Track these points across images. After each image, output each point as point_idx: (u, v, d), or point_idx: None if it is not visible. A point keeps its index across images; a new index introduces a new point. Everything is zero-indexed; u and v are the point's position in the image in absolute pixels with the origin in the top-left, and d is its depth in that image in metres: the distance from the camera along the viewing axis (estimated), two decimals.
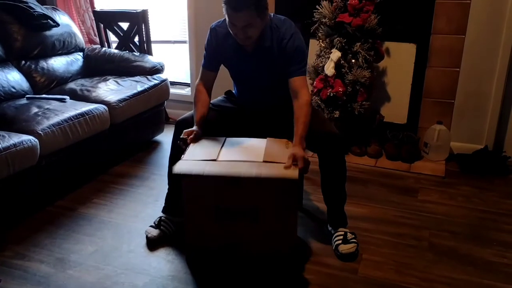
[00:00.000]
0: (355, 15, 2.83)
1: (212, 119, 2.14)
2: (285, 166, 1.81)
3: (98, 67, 3.44)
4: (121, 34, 3.64)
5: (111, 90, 3.03)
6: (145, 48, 3.57)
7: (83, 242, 2.19)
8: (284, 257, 2.02)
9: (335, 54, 2.87)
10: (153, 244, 2.17)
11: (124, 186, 2.75)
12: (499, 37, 2.85)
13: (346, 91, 2.89)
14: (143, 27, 3.53)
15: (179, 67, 4.25)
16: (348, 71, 2.88)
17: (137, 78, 3.25)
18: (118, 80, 3.19)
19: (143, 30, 3.54)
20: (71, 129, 2.56)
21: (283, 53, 2.00)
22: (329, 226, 2.20)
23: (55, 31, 3.29)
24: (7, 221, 2.32)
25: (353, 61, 2.87)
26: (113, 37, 3.73)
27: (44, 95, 2.95)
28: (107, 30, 3.69)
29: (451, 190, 2.70)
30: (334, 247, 2.10)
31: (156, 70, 3.36)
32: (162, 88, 3.28)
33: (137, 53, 3.52)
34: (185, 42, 3.92)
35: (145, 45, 3.57)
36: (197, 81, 2.18)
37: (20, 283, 1.91)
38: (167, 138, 2.31)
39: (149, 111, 3.22)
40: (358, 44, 2.86)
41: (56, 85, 3.19)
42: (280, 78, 2.02)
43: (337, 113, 2.94)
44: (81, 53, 3.53)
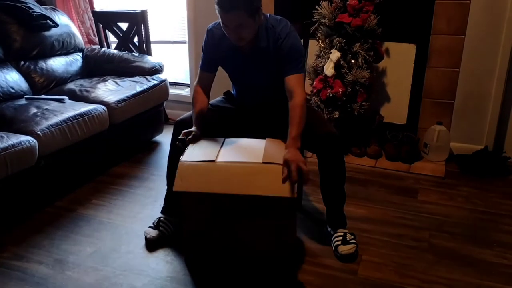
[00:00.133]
0: (355, 15, 2.82)
1: (211, 119, 2.14)
2: (282, 179, 1.78)
3: (97, 67, 3.43)
4: (120, 35, 3.63)
5: (110, 91, 3.02)
6: (144, 48, 3.56)
7: (82, 243, 2.19)
8: (283, 258, 2.01)
9: (335, 55, 2.86)
10: (152, 245, 2.16)
11: (123, 186, 2.74)
12: (499, 38, 2.85)
13: (346, 91, 2.88)
14: (143, 28, 3.53)
15: (178, 68, 4.25)
16: (347, 71, 2.87)
17: (136, 78, 3.24)
18: (117, 81, 3.19)
19: (143, 31, 3.53)
20: (70, 130, 2.56)
21: (279, 52, 1.99)
22: (329, 227, 2.19)
23: (54, 31, 3.29)
24: (6, 222, 2.31)
25: (352, 61, 2.87)
26: (112, 38, 3.73)
27: (43, 96, 2.95)
28: (106, 31, 3.69)
29: (451, 191, 2.69)
30: (333, 248, 2.10)
31: (155, 70, 3.36)
32: (162, 88, 3.28)
33: (137, 54, 3.52)
34: (184, 42, 3.91)
35: (145, 45, 3.56)
36: (195, 82, 2.18)
37: (19, 284, 1.91)
38: (167, 138, 2.30)
39: (148, 112, 3.22)
40: (357, 44, 2.85)
41: (55, 85, 3.19)
42: (278, 78, 2.02)
43: (337, 113, 2.93)
44: (80, 54, 3.53)
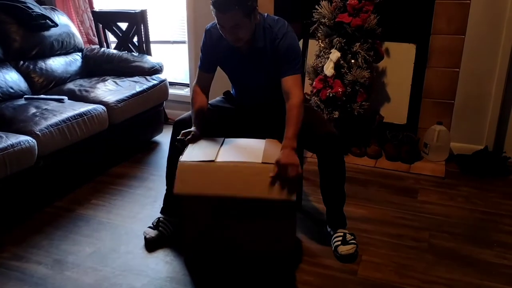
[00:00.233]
0: (355, 15, 2.81)
1: (211, 119, 2.13)
2: (271, 178, 1.78)
3: (96, 67, 3.43)
4: (120, 35, 3.63)
5: (110, 91, 3.02)
6: (144, 48, 3.56)
7: (81, 243, 2.18)
8: (283, 258, 2.01)
9: (335, 54, 2.86)
10: (151, 245, 2.16)
11: (123, 187, 2.74)
12: (499, 38, 2.84)
13: (346, 91, 2.87)
14: (142, 27, 3.52)
15: (178, 68, 4.24)
16: (347, 71, 2.86)
17: (136, 78, 3.24)
18: (117, 81, 3.18)
19: (142, 30, 3.53)
20: (69, 130, 2.55)
21: (276, 53, 1.99)
22: (328, 227, 2.19)
23: (53, 31, 3.29)
24: (5, 222, 2.31)
25: (352, 61, 2.86)
26: (112, 38, 3.73)
27: (42, 96, 2.94)
28: (106, 30, 3.68)
29: (451, 191, 2.69)
30: (333, 248, 2.09)
31: (155, 70, 3.35)
32: (161, 88, 3.27)
33: (136, 54, 3.51)
34: (184, 42, 3.91)
35: (144, 45, 3.56)
36: (194, 82, 2.17)
37: (18, 285, 1.91)
38: (166, 138, 2.30)
39: (148, 112, 3.21)
40: (357, 44, 2.84)
41: (55, 85, 3.18)
42: (276, 78, 2.01)
43: (337, 113, 2.93)
44: (79, 54, 3.53)
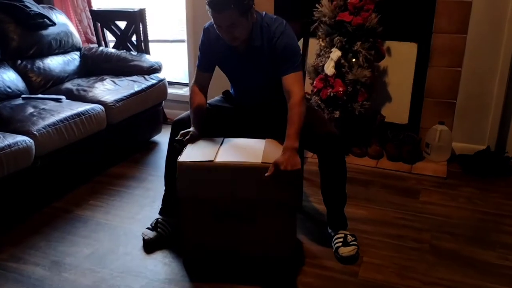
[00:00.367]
0: (356, 14, 2.80)
1: (210, 119, 2.12)
2: (266, 176, 1.76)
3: (95, 66, 3.41)
4: (118, 33, 3.61)
5: (108, 90, 3.00)
6: (143, 47, 3.54)
7: (79, 245, 2.17)
8: (283, 260, 2.00)
9: (335, 54, 2.84)
10: (150, 246, 2.15)
11: (121, 187, 2.72)
12: (501, 36, 2.82)
13: (347, 91, 2.86)
14: (141, 26, 3.51)
15: (177, 67, 4.23)
16: (348, 70, 2.85)
17: (135, 77, 3.22)
18: (115, 80, 3.16)
19: (141, 29, 3.51)
20: (67, 130, 2.54)
21: (274, 52, 1.97)
22: (329, 228, 2.17)
23: (51, 30, 3.27)
24: (2, 223, 2.29)
25: (353, 60, 2.85)
26: (110, 37, 3.71)
27: (40, 95, 2.93)
28: (104, 29, 3.67)
29: (452, 191, 2.67)
30: (334, 249, 2.08)
31: (153, 69, 3.33)
32: (160, 88, 3.26)
33: (135, 53, 3.49)
34: (183, 41, 3.89)
35: (143, 44, 3.54)
36: (192, 82, 2.16)
37: (15, 286, 1.89)
38: (165, 138, 2.28)
39: (147, 111, 3.20)
40: (358, 43, 2.83)
41: (52, 85, 3.16)
42: (275, 78, 2.00)
43: (337, 113, 2.91)
44: (78, 53, 3.51)
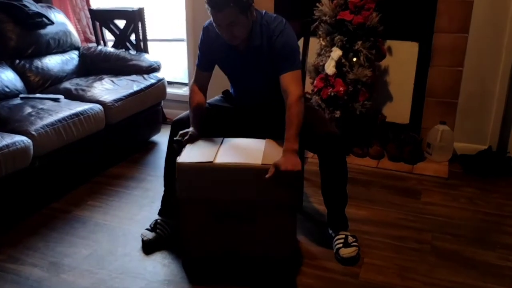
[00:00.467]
0: (356, 13, 2.79)
1: (209, 119, 2.11)
2: (267, 177, 1.74)
3: (93, 66, 3.39)
4: (117, 33, 3.60)
5: (107, 90, 2.98)
6: (142, 46, 3.53)
7: (77, 246, 2.16)
8: (284, 261, 1.98)
9: (336, 53, 2.83)
10: (149, 247, 2.13)
11: (120, 187, 2.71)
12: (502, 36, 2.81)
13: (347, 90, 2.84)
14: (140, 25, 3.49)
15: (176, 66, 4.21)
16: (349, 70, 2.84)
17: (134, 77, 3.20)
18: (114, 79, 3.15)
19: (140, 28, 3.50)
20: (65, 130, 2.52)
21: (273, 50, 1.96)
22: (330, 229, 2.16)
23: (50, 29, 3.25)
24: (0, 224, 2.28)
25: (354, 59, 2.83)
26: (109, 36, 3.70)
27: (38, 95, 2.92)
28: (103, 29, 3.65)
29: (454, 191, 2.66)
30: (334, 250, 2.07)
31: (152, 69, 3.32)
32: (159, 87, 3.24)
33: (134, 52, 3.48)
34: (182, 40, 3.87)
35: (142, 43, 3.53)
36: (192, 81, 2.15)
37: None
38: (164, 138, 2.27)
39: (146, 111, 3.18)
40: (359, 42, 2.81)
41: (51, 84, 3.15)
42: (275, 77, 1.98)
43: (338, 113, 2.90)
44: (76, 52, 3.49)
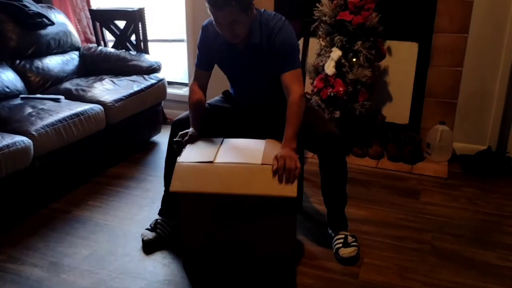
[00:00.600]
0: (356, 13, 2.79)
1: (209, 119, 2.11)
2: (272, 171, 1.78)
3: (94, 66, 3.40)
4: (117, 33, 3.60)
5: (107, 90, 2.99)
6: (142, 47, 3.53)
7: (77, 246, 2.16)
8: (283, 261, 1.98)
9: (336, 53, 2.83)
10: (149, 247, 2.13)
11: (120, 188, 2.71)
12: (502, 36, 2.81)
13: (347, 90, 2.84)
14: (140, 26, 3.49)
15: (176, 66, 4.21)
16: (349, 70, 2.84)
17: (134, 77, 3.21)
18: (114, 80, 3.15)
19: (140, 29, 3.50)
20: (65, 130, 2.53)
21: (272, 49, 1.95)
22: (330, 229, 2.16)
23: (50, 30, 3.25)
24: (0, 224, 2.28)
25: (354, 60, 2.83)
26: (109, 36, 3.70)
27: (39, 95, 2.92)
28: (103, 29, 3.66)
29: (454, 191, 2.66)
30: (334, 250, 2.07)
31: (153, 69, 3.32)
32: (159, 87, 3.24)
33: (134, 52, 3.48)
34: (183, 40, 3.87)
35: (142, 44, 3.53)
36: (191, 81, 2.15)
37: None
38: (164, 138, 2.28)
39: (146, 111, 3.18)
40: (359, 42, 2.81)
41: (51, 84, 3.15)
42: (275, 77, 1.98)
43: (338, 113, 2.90)
44: (77, 52, 3.49)
